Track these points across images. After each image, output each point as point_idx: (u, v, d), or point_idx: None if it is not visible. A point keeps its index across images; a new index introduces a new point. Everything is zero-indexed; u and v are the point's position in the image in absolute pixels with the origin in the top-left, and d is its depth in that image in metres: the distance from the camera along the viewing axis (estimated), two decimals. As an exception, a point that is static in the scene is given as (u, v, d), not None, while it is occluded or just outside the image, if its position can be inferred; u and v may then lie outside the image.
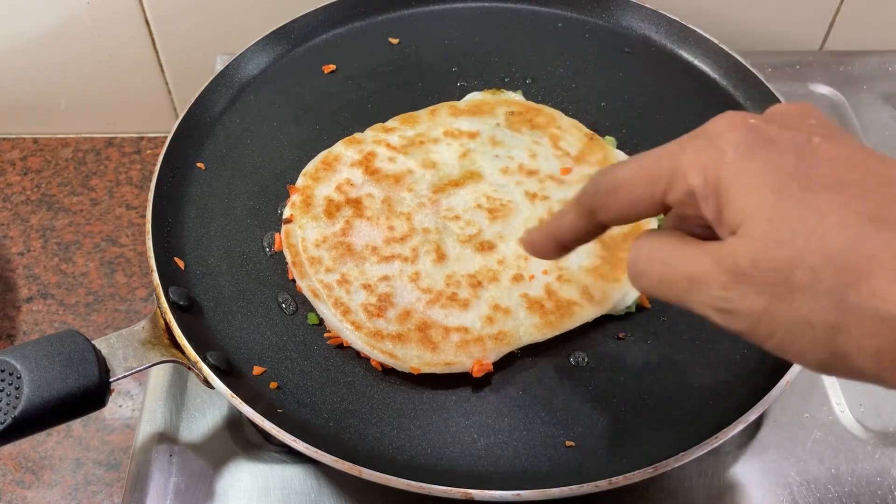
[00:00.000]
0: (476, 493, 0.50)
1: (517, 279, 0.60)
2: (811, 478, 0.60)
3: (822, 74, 0.88)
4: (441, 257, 0.61)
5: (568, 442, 0.55)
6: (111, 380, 0.53)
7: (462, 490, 0.50)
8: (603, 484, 0.50)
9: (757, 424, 0.63)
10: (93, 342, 0.53)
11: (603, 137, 0.71)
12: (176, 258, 0.62)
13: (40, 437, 0.70)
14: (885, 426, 0.63)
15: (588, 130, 0.70)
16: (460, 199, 0.65)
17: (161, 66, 0.92)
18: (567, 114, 0.72)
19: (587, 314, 0.59)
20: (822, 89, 0.87)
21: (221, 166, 0.69)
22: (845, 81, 0.88)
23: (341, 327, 0.58)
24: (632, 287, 0.60)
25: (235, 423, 0.63)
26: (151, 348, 0.56)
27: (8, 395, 0.50)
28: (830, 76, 0.88)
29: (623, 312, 0.61)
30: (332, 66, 0.77)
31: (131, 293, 0.81)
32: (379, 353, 0.57)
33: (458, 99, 0.74)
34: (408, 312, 0.59)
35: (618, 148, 0.71)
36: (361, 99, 0.75)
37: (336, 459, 0.51)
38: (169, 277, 0.60)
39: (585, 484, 0.50)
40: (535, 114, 0.71)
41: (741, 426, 0.52)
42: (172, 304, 0.58)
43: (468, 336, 0.57)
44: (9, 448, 0.69)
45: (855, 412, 0.64)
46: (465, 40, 0.79)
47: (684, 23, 0.77)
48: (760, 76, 0.72)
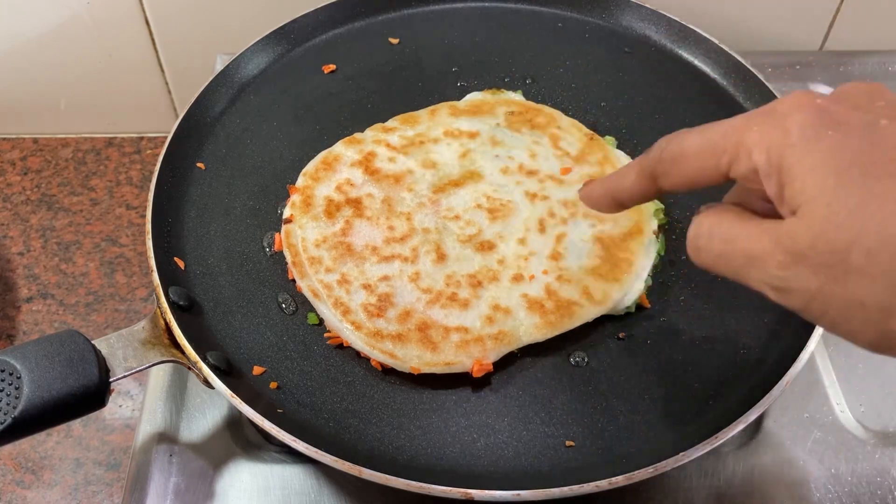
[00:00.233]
0: (476, 493, 0.50)
1: (517, 279, 0.60)
2: (811, 478, 0.60)
3: (822, 74, 0.88)
4: (441, 257, 0.61)
5: (568, 442, 0.55)
6: (111, 380, 0.53)
7: (462, 490, 0.50)
8: (603, 484, 0.50)
9: (757, 424, 0.63)
10: (93, 342, 0.53)
11: (603, 137, 0.71)
12: (176, 258, 0.62)
13: (40, 437, 0.70)
14: (885, 426, 0.63)
15: (588, 130, 0.70)
16: (460, 199, 0.65)
17: (161, 66, 0.92)
18: (567, 114, 0.72)
19: (587, 314, 0.59)
20: (822, 89, 0.87)
21: (221, 166, 0.69)
22: (845, 81, 0.87)
23: (341, 327, 0.58)
24: (632, 287, 0.61)
25: (235, 423, 0.63)
26: (151, 348, 0.56)
27: (8, 395, 0.50)
28: (830, 76, 0.88)
29: (623, 312, 0.61)
30: (332, 66, 0.77)
31: (131, 293, 0.81)
32: (379, 353, 0.57)
33: (458, 99, 0.74)
34: (408, 312, 0.59)
35: (618, 148, 0.71)
36: (361, 99, 0.75)
37: (336, 459, 0.51)
38: (169, 277, 0.60)
39: (585, 484, 0.50)
40: (535, 114, 0.71)
41: (741, 426, 0.52)
42: (172, 304, 0.58)
43: (468, 336, 0.57)
44: (9, 448, 0.69)
45: (855, 412, 0.64)
46: (465, 40, 0.79)
47: (684, 23, 0.77)
48: (760, 76, 0.72)
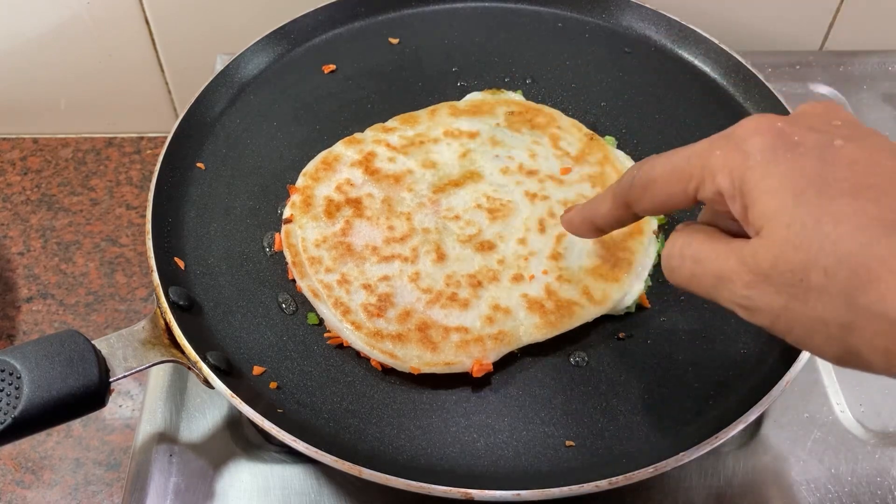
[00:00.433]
0: (476, 493, 0.50)
1: (517, 279, 0.60)
2: (811, 478, 0.60)
3: (822, 74, 0.88)
4: (441, 257, 0.61)
5: (568, 442, 0.55)
6: (111, 380, 0.53)
7: (462, 490, 0.50)
8: (603, 484, 0.50)
9: (757, 424, 0.63)
10: (93, 342, 0.53)
11: (603, 137, 0.71)
12: (176, 258, 0.62)
13: (40, 437, 0.70)
14: (885, 426, 0.63)
15: (588, 130, 0.70)
16: (460, 199, 0.65)
17: (161, 66, 0.92)
18: (567, 114, 0.72)
19: (587, 314, 0.59)
20: (822, 89, 0.87)
21: (221, 166, 0.69)
22: (845, 81, 0.88)
23: (341, 327, 0.58)
24: (632, 287, 0.61)
25: (235, 423, 0.63)
26: (151, 348, 0.56)
27: (8, 395, 0.50)
28: (830, 76, 0.88)
29: (623, 312, 0.61)
30: (332, 66, 0.77)
31: (131, 293, 0.81)
32: (379, 353, 0.57)
33: (458, 99, 0.74)
34: (408, 312, 0.59)
35: (618, 148, 0.71)
36: (361, 99, 0.75)
37: (336, 459, 0.51)
38: (169, 277, 0.60)
39: (585, 484, 0.50)
40: (535, 114, 0.71)
41: (741, 426, 0.52)
42: (172, 304, 0.58)
43: (468, 336, 0.57)
44: (9, 448, 0.69)
45: (855, 412, 0.64)
46: (465, 40, 0.79)
47: (684, 23, 0.77)
48: (760, 76, 0.72)
